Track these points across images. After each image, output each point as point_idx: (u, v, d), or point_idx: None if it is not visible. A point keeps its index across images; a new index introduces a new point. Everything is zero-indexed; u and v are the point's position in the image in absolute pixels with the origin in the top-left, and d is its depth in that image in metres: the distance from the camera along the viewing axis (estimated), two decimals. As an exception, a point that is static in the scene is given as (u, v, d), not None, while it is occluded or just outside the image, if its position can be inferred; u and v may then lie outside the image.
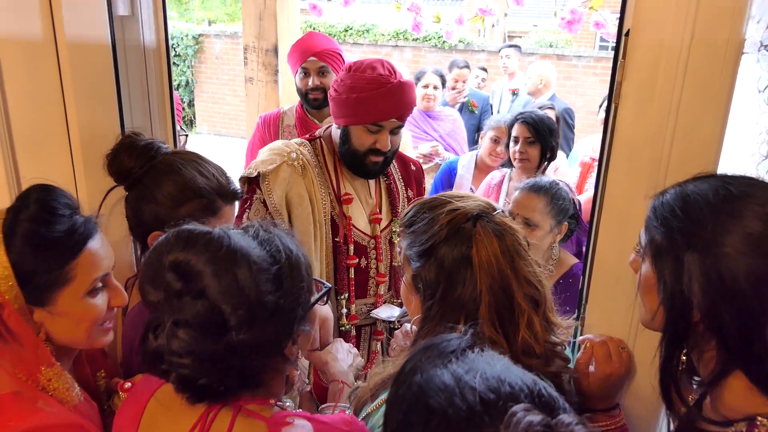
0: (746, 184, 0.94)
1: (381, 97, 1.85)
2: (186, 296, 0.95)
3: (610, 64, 1.36)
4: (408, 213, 1.24)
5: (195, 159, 1.48)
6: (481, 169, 3.33)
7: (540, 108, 4.02)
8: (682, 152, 1.28)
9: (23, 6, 1.44)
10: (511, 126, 2.93)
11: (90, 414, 1.20)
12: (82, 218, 1.18)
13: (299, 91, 2.94)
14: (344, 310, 2.03)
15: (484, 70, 6.05)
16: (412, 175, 2.24)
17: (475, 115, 5.14)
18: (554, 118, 3.55)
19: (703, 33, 1.22)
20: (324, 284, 1.27)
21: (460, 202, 1.18)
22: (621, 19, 1.33)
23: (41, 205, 1.13)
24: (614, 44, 1.41)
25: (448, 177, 3.38)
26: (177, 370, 0.97)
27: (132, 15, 1.70)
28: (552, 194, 2.15)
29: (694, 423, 1.01)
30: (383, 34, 10.94)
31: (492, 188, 3.01)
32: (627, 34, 1.28)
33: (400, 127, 1.95)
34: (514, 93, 5.73)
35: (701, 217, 0.93)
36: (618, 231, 1.37)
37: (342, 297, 2.02)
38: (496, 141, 3.26)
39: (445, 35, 4.14)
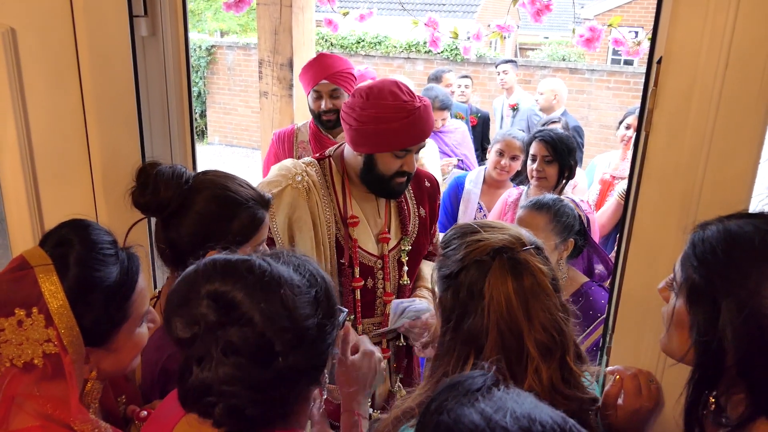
0: None
1: (411, 126, 1.83)
2: (231, 326, 0.91)
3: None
4: (445, 236, 1.23)
5: (229, 175, 1.48)
6: (490, 184, 3.30)
7: (545, 123, 4.00)
8: (715, 183, 1.25)
9: (47, 28, 1.44)
10: (529, 143, 2.90)
11: None
12: (125, 253, 1.15)
13: (312, 111, 2.94)
14: None
15: (467, 77, 6.00)
16: (425, 191, 2.19)
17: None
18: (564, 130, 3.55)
19: (738, 60, 1.19)
20: (341, 309, 1.24)
21: (489, 233, 1.16)
22: (652, 46, 1.31)
23: (87, 246, 1.09)
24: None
25: (455, 192, 3.36)
26: (226, 401, 0.93)
27: (153, 35, 1.69)
28: (554, 211, 2.13)
29: None
30: (395, 47, 10.96)
31: (509, 206, 2.98)
32: (659, 62, 1.26)
33: (423, 145, 1.94)
34: (514, 108, 5.70)
35: (745, 264, 0.90)
36: (647, 262, 1.34)
37: (348, 318, 1.98)
38: (500, 154, 3.22)
39: (463, 51, 4.13)
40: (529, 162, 2.86)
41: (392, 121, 1.81)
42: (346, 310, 1.18)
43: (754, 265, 0.89)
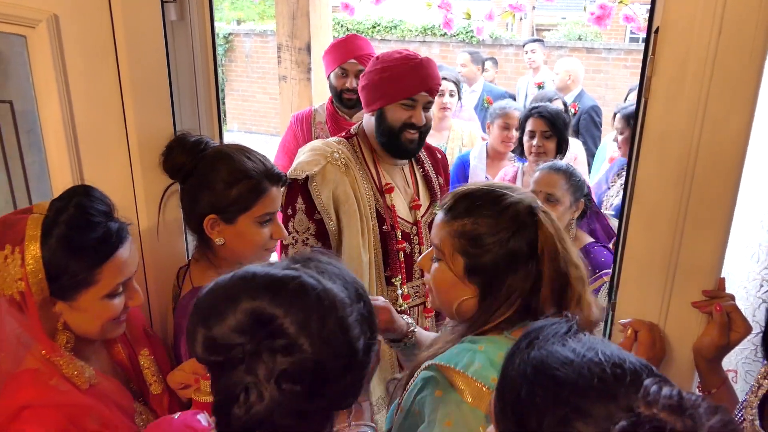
0: None
1: (411, 72, 2.00)
2: (284, 353, 0.83)
3: (641, 57, 1.42)
4: (451, 203, 1.28)
5: (242, 148, 1.62)
6: (494, 158, 3.46)
7: (550, 100, 4.05)
8: (711, 145, 1.33)
9: (86, 14, 1.54)
10: (525, 119, 2.99)
11: (108, 392, 1.28)
12: (116, 225, 1.26)
13: (333, 89, 3.04)
14: (399, 291, 2.16)
15: (491, 60, 6.09)
16: (440, 162, 2.38)
17: None
18: (563, 109, 3.67)
19: (731, 28, 1.27)
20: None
21: (514, 192, 1.26)
22: (650, 17, 1.39)
23: (79, 210, 1.22)
24: (645, 38, 1.47)
25: (462, 169, 3.48)
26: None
27: (182, 20, 1.80)
28: (570, 173, 2.34)
29: None
30: (411, 30, 10.99)
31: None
32: (656, 32, 1.34)
33: (431, 103, 2.09)
34: (540, 87, 5.76)
35: None
36: (647, 221, 1.43)
37: (396, 279, 2.15)
38: (506, 128, 3.34)
39: (476, 31, 4.19)
40: (526, 138, 2.95)
41: (396, 69, 2.01)
42: (381, 338, 1.20)
43: None
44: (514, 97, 5.75)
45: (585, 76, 5.70)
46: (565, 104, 3.99)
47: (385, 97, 2.04)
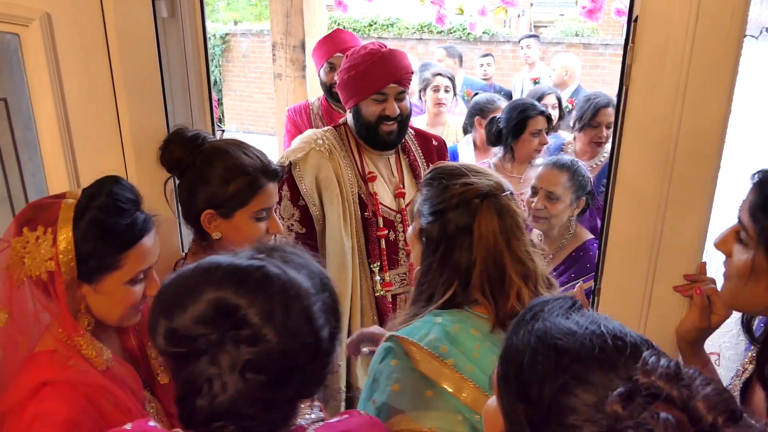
0: None
1: (375, 66, 2.04)
2: (248, 343, 0.82)
3: None
4: (429, 173, 1.39)
5: (239, 143, 1.65)
6: (481, 150, 3.55)
7: (541, 97, 4.06)
8: (690, 131, 1.35)
9: (78, 12, 1.57)
10: (526, 119, 2.99)
11: (122, 377, 1.33)
12: (143, 215, 1.32)
13: (323, 84, 3.10)
14: (378, 278, 2.21)
15: (489, 55, 6.05)
16: (434, 150, 2.42)
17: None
18: (557, 104, 3.80)
19: (708, 16, 1.30)
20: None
21: (475, 177, 1.31)
22: (630, 7, 1.42)
23: (110, 197, 1.27)
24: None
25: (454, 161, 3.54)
26: (239, 423, 0.85)
27: (173, 17, 1.82)
28: (573, 170, 2.33)
29: None
30: (407, 28, 11.00)
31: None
32: (635, 20, 1.36)
33: (403, 92, 2.12)
34: (536, 82, 5.79)
35: None
36: (630, 207, 1.46)
37: (375, 265, 2.19)
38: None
39: (469, 27, 4.21)
40: (530, 136, 2.97)
41: (360, 65, 2.05)
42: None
43: None
44: (510, 94, 5.77)
45: (582, 72, 5.73)
46: (559, 99, 4.02)
47: (357, 95, 2.10)
